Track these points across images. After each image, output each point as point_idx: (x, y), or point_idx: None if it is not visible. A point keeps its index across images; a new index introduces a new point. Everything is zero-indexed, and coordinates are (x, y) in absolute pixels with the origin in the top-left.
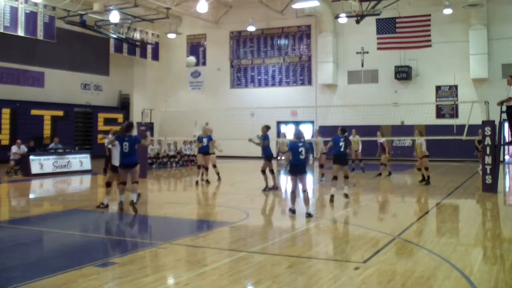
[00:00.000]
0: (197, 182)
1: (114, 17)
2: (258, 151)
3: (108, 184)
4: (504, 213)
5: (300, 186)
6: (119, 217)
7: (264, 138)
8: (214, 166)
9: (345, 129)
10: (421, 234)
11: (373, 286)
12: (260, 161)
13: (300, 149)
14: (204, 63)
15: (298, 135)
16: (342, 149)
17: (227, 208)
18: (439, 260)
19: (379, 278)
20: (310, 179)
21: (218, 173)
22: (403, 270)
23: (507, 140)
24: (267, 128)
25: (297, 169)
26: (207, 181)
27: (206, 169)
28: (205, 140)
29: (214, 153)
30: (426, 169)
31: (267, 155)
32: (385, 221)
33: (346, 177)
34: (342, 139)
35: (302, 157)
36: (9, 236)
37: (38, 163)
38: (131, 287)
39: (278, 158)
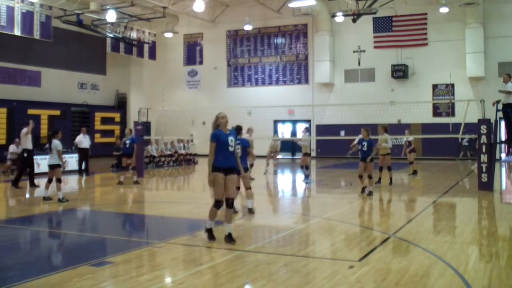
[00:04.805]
0: None
1: (111, 16)
2: (256, 149)
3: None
4: (500, 211)
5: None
6: (116, 217)
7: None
8: None
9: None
10: (417, 232)
11: (367, 284)
12: (258, 160)
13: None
14: (201, 62)
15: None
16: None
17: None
18: (434, 258)
19: (374, 276)
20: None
21: None
22: (397, 268)
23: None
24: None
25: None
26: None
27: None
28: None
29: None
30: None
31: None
32: (380, 219)
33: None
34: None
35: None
36: (5, 235)
37: (35, 162)
38: (126, 286)
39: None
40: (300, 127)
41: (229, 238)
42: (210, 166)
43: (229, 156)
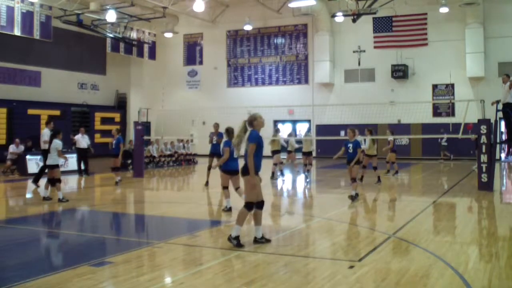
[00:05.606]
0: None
1: (111, 16)
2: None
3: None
4: (500, 211)
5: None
6: (116, 217)
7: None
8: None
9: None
10: (417, 233)
11: (367, 284)
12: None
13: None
14: (201, 62)
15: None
16: None
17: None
18: (434, 258)
19: (374, 276)
20: None
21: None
22: (397, 268)
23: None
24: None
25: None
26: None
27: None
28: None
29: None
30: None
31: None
32: (380, 219)
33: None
34: None
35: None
36: (5, 235)
37: (35, 162)
38: (126, 286)
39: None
40: (299, 127)
41: (263, 239)
42: (252, 168)
43: (261, 159)
